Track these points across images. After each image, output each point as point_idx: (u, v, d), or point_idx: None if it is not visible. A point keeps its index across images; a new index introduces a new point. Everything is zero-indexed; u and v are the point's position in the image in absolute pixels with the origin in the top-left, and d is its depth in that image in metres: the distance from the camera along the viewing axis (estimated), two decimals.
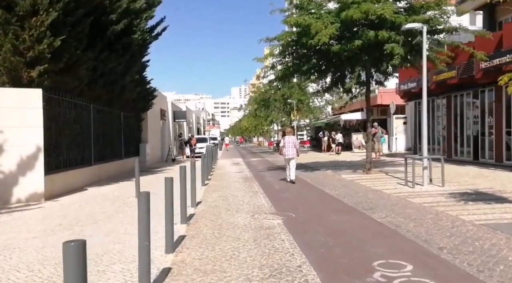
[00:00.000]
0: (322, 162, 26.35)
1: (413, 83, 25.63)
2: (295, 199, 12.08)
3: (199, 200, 11.93)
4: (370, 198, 11.59)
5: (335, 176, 17.69)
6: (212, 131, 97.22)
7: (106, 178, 18.14)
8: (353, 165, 22.66)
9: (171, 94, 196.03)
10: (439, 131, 24.70)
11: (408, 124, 35.57)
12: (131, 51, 19.58)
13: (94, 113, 17.43)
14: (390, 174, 17.48)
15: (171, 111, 37.24)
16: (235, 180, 17.24)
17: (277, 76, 19.36)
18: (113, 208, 11.07)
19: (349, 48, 16.08)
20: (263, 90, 44.18)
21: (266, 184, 15.71)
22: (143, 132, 26.11)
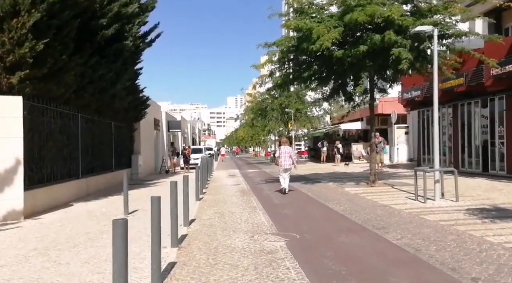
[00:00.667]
0: (322, 174, 25.37)
1: (417, 91, 24.75)
2: (297, 215, 11.08)
3: (193, 218, 10.92)
4: (380, 215, 10.59)
5: (338, 189, 16.69)
6: (207, 141, 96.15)
7: (95, 192, 17.09)
8: (355, 177, 21.71)
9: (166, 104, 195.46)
10: (445, 141, 23.75)
11: (410, 134, 34.69)
12: (123, 58, 18.61)
13: (83, 122, 16.43)
14: (396, 187, 16.50)
15: (165, 121, 36.17)
16: (232, 194, 16.22)
17: (275, 84, 18.42)
18: (97, 227, 10.03)
19: (353, 53, 15.20)
20: (260, 99, 43.17)
21: (265, 198, 14.71)
22: (135, 143, 25.08)
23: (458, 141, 22.11)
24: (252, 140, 77.33)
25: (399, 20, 14.32)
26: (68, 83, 14.18)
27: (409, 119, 34.90)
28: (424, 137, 26.08)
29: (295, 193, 15.92)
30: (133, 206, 13.15)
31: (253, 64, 17.42)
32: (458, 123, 22.08)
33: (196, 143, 67.56)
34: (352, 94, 19.44)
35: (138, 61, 22.65)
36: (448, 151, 23.31)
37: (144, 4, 21.30)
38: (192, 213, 11.58)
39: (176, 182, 8.37)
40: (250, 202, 13.69)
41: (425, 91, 24.33)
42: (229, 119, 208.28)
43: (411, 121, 34.58)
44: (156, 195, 6.36)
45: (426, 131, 25.79)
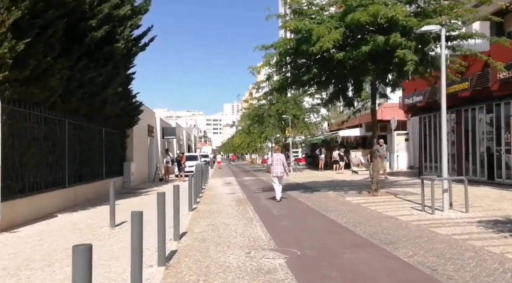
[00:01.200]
0: (320, 182, 24.63)
1: (419, 97, 24.04)
2: (297, 228, 10.27)
3: (184, 231, 10.13)
4: (387, 228, 9.80)
5: (338, 199, 15.90)
6: (203, 148, 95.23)
7: (84, 202, 16.28)
8: (356, 185, 20.96)
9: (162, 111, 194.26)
10: (449, 148, 22.99)
11: (410, 140, 33.98)
12: (114, 61, 17.84)
13: (70, 128, 15.64)
14: (399, 196, 15.73)
15: (160, 128, 35.35)
16: (227, 204, 15.41)
17: (273, 87, 17.67)
18: (79, 241, 9.18)
19: (355, 55, 14.48)
20: (256, 106, 42.38)
21: (262, 209, 13.90)
22: (128, 150, 24.23)
23: (461, 148, 21.38)
24: (249, 147, 76.50)
25: (404, 20, 13.64)
26: (53, 87, 13.39)
27: (409, 126, 34.20)
28: (426, 144, 25.34)
29: (294, 203, 15.15)
30: (121, 217, 12.32)
31: (250, 66, 16.65)
32: (462, 129, 21.36)
33: (192, 150, 66.71)
34: (353, 99, 18.76)
35: (131, 66, 21.90)
36: (451, 159, 22.54)
37: (137, 6, 20.60)
38: (184, 225, 10.79)
39: (164, 192, 7.59)
40: (246, 213, 12.89)
41: (427, 96, 23.66)
42: (226, 126, 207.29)
43: (411, 128, 33.88)
44: (140, 210, 5.58)
45: (428, 137, 25.07)
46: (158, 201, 7.37)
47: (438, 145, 23.91)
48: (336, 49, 15.33)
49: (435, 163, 24.37)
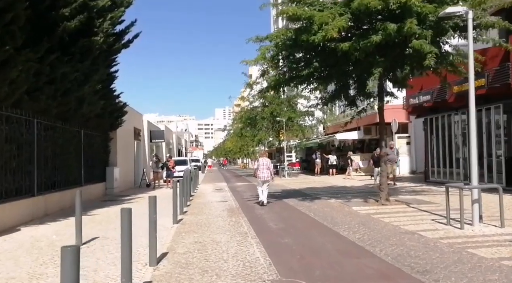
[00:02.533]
0: (319, 188, 22.88)
1: (426, 96, 22.34)
2: (302, 248, 8.47)
3: (165, 251, 8.31)
4: (413, 248, 8.02)
5: (344, 208, 14.12)
6: (194, 152, 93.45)
7: (57, 212, 14.42)
8: (358, 192, 19.31)
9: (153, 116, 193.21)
10: (460, 152, 21.33)
11: (412, 144, 32.40)
12: (92, 57, 16.00)
13: (40, 129, 13.82)
14: (412, 205, 13.99)
15: (147, 131, 33.45)
16: (218, 214, 13.57)
17: (269, 84, 15.89)
18: (32, 266, 7.39)
19: (363, 46, 12.77)
20: (249, 108, 40.51)
21: (258, 220, 12.08)
22: (111, 154, 22.37)
23: None
24: (241, 152, 74.73)
25: (419, 6, 11.97)
26: (17, 82, 11.56)
27: (411, 128, 32.67)
28: (433, 147, 23.65)
29: (294, 213, 13.36)
30: (94, 230, 10.63)
31: (243, 60, 14.87)
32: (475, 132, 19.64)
33: (183, 154, 64.83)
34: (356, 98, 17.08)
35: (114, 64, 20.12)
36: (463, 163, 20.87)
37: None
38: (166, 243, 9.02)
39: (129, 209, 5.83)
40: (240, 226, 11.07)
41: (435, 96, 21.98)
42: (217, 131, 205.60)
43: (413, 130, 32.37)
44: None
45: (435, 140, 23.38)
46: (122, 223, 5.60)
47: (447, 148, 22.30)
48: (340, 40, 13.69)
49: (443, 168, 22.72)
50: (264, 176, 15.51)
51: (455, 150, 21.73)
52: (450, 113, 21.86)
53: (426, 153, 24.54)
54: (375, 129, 36.32)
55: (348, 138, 38.99)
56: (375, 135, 36.66)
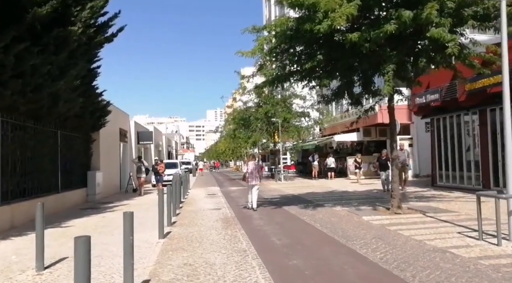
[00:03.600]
0: (320, 193, 21.27)
1: (434, 95, 20.84)
2: (316, 273, 6.83)
3: (146, 279, 6.66)
4: (451, 273, 6.43)
5: (353, 218, 12.51)
6: (185, 155, 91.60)
7: (27, 223, 12.63)
8: (363, 198, 17.79)
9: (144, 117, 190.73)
10: (471, 154, 19.81)
11: (415, 146, 30.89)
12: (70, 49, 14.29)
13: (6, 129, 12.12)
14: (429, 214, 12.44)
15: (134, 132, 31.68)
16: (211, 225, 11.90)
17: (267, 79, 14.28)
18: None
19: (374, 37, 11.22)
20: (242, 108, 38.76)
21: (258, 234, 10.44)
22: (93, 157, 20.61)
23: (488, 155, 18.17)
24: (233, 154, 73.01)
25: None
26: None
27: (413, 130, 31.19)
28: (441, 150, 22.10)
29: (298, 225, 11.71)
30: (64, 248, 8.99)
31: (238, 51, 13.21)
32: (488, 132, 18.17)
33: (173, 157, 63.01)
34: (361, 96, 15.54)
35: (96, 59, 18.45)
36: (475, 167, 19.36)
37: None
38: (148, 266, 7.39)
39: (88, 237, 4.10)
40: (238, 241, 9.43)
41: (443, 94, 20.48)
42: (209, 133, 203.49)
43: (415, 132, 30.92)
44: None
45: (444, 142, 21.86)
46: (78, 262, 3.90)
47: (456, 150, 20.79)
48: (346, 31, 12.16)
49: (452, 172, 21.20)
50: (252, 179, 15.53)
51: (465, 152, 20.22)
52: (459, 113, 20.36)
53: (433, 156, 22.99)
54: (375, 130, 34.90)
55: (347, 140, 37.44)
56: (375, 137, 35.26)
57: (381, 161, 20.51)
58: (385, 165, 19.60)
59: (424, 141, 28.48)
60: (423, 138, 29.56)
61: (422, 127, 29.75)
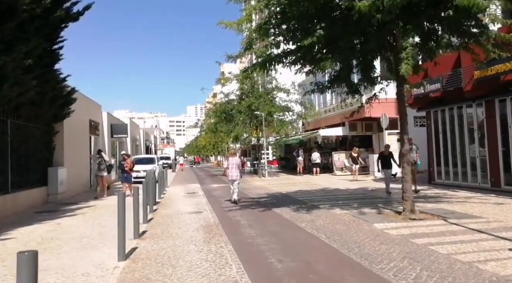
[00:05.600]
0: (309, 191, 19.22)
1: (435, 84, 18.81)
2: None
3: None
4: None
5: (362, 226, 10.30)
6: (165, 149, 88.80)
7: None
8: (361, 198, 15.97)
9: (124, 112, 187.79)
10: (476, 149, 17.85)
11: None
12: (18, 20, 11.81)
13: None
14: (451, 221, 10.38)
15: (107, 124, 29.06)
16: (189, 237, 9.53)
17: (257, 59, 11.95)
18: None
19: (388, 5, 9.08)
20: (223, 101, 36.35)
21: (250, 251, 8.12)
22: (56, 151, 18.02)
23: (497, 150, 16.21)
24: (214, 149, 70.67)
25: None
26: None
27: None
28: (439, 145, 20.15)
29: (298, 236, 9.41)
30: None
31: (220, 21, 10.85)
32: (497, 126, 16.21)
33: (152, 151, 60.33)
34: (360, 84, 13.48)
35: (59, 40, 16.05)
36: (481, 163, 17.43)
37: None
38: None
39: None
40: (225, 265, 7.08)
41: (444, 83, 18.49)
42: (189, 128, 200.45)
43: None
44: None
45: (442, 136, 19.89)
46: None
47: (457, 146, 18.85)
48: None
49: (453, 168, 19.28)
50: (233, 174, 15.86)
51: (468, 147, 18.26)
52: (461, 104, 18.44)
53: (429, 152, 21.00)
54: (361, 125, 33.01)
55: (332, 134, 35.47)
56: (361, 131, 33.38)
57: (383, 157, 17.85)
58: (389, 162, 17.28)
59: (413, 136, 26.42)
60: (412, 132, 27.71)
61: (411, 121, 27.91)
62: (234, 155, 17.25)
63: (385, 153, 17.74)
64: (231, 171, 15.83)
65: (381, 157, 17.88)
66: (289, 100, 34.04)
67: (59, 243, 8.92)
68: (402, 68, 9.29)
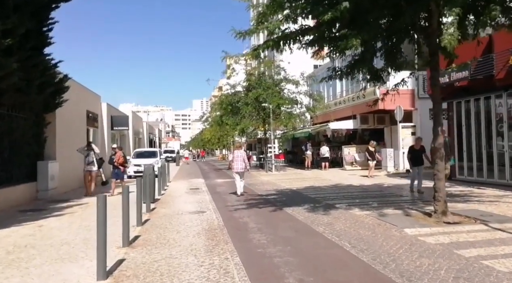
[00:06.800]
0: (322, 188, 17.88)
1: (462, 72, 17.24)
2: None
3: None
4: None
5: (390, 231, 8.82)
6: (170, 143, 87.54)
7: None
8: (380, 196, 14.71)
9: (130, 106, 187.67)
10: (504, 144, 16.34)
11: (418, 134, 27.42)
12: None
13: None
14: (493, 225, 8.94)
15: (107, 116, 27.59)
16: (189, 244, 8.05)
17: (269, 40, 10.40)
18: None
19: None
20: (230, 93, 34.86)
21: (262, 266, 6.60)
22: (47, 144, 16.56)
23: None
24: (220, 142, 69.25)
25: None
26: None
27: (416, 117, 27.80)
28: (462, 138, 18.67)
29: (318, 244, 7.89)
30: None
31: None
32: None
33: (156, 145, 58.96)
34: (383, 70, 12.01)
35: (49, 22, 14.66)
36: (510, 158, 15.93)
37: None
38: None
39: None
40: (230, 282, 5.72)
41: (472, 71, 16.95)
42: (195, 121, 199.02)
43: (419, 119, 27.56)
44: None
45: (466, 129, 18.39)
46: None
47: (484, 139, 17.39)
48: None
49: (477, 164, 17.80)
50: (238, 167, 15.98)
51: (495, 141, 16.75)
52: (489, 94, 16.89)
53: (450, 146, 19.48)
54: (373, 118, 31.53)
55: (342, 127, 33.93)
56: (372, 124, 31.91)
57: (414, 153, 15.46)
58: (421, 157, 15.19)
59: (428, 129, 25.02)
60: (427, 125, 26.31)
61: (426, 113, 26.53)
62: (239, 148, 17.45)
63: (416, 147, 15.44)
64: (236, 164, 15.96)
65: (412, 152, 15.54)
66: (298, 92, 32.60)
67: (32, 253, 7.48)
68: (444, 39, 7.78)
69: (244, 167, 16.04)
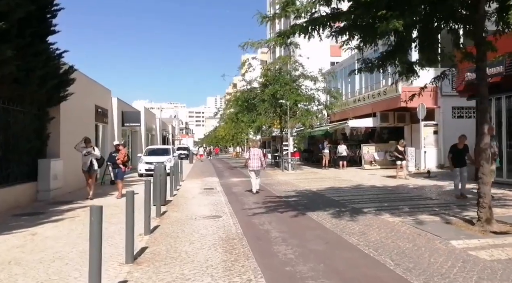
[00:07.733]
0: (343, 189, 16.88)
1: (497, 67, 15.94)
2: None
3: None
4: None
5: (434, 243, 7.61)
6: (183, 140, 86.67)
7: None
8: (409, 199, 13.48)
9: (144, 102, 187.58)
10: None
11: (440, 133, 26.20)
12: None
13: None
14: None
15: (117, 112, 26.52)
16: (204, 259, 6.90)
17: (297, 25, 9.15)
18: None
19: None
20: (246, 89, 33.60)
21: None
22: (51, 140, 15.46)
23: None
24: (234, 139, 68.12)
25: None
26: None
27: (438, 115, 26.50)
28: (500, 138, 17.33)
29: (355, 261, 6.66)
30: None
31: None
32: None
33: (169, 142, 57.99)
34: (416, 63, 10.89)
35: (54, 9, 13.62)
36: None
37: None
38: None
39: None
40: None
41: (506, 66, 15.68)
42: (208, 119, 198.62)
43: (441, 117, 26.25)
44: None
45: (497, 128, 17.07)
46: None
47: None
48: None
49: (508, 165, 16.47)
50: (255, 165, 16.08)
51: None
52: None
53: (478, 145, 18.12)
54: (393, 116, 30.21)
55: (362, 125, 32.55)
56: (392, 123, 30.61)
57: (457, 152, 13.71)
58: (464, 158, 13.63)
59: (451, 128, 24.44)
60: (450, 124, 25.62)
61: (448, 112, 26.17)
62: (255, 146, 17.79)
63: (459, 146, 13.64)
64: (253, 162, 16.03)
65: (454, 151, 13.76)
66: (316, 88, 31.32)
67: (15, 273, 6.26)
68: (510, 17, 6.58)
69: (260, 165, 16.13)
